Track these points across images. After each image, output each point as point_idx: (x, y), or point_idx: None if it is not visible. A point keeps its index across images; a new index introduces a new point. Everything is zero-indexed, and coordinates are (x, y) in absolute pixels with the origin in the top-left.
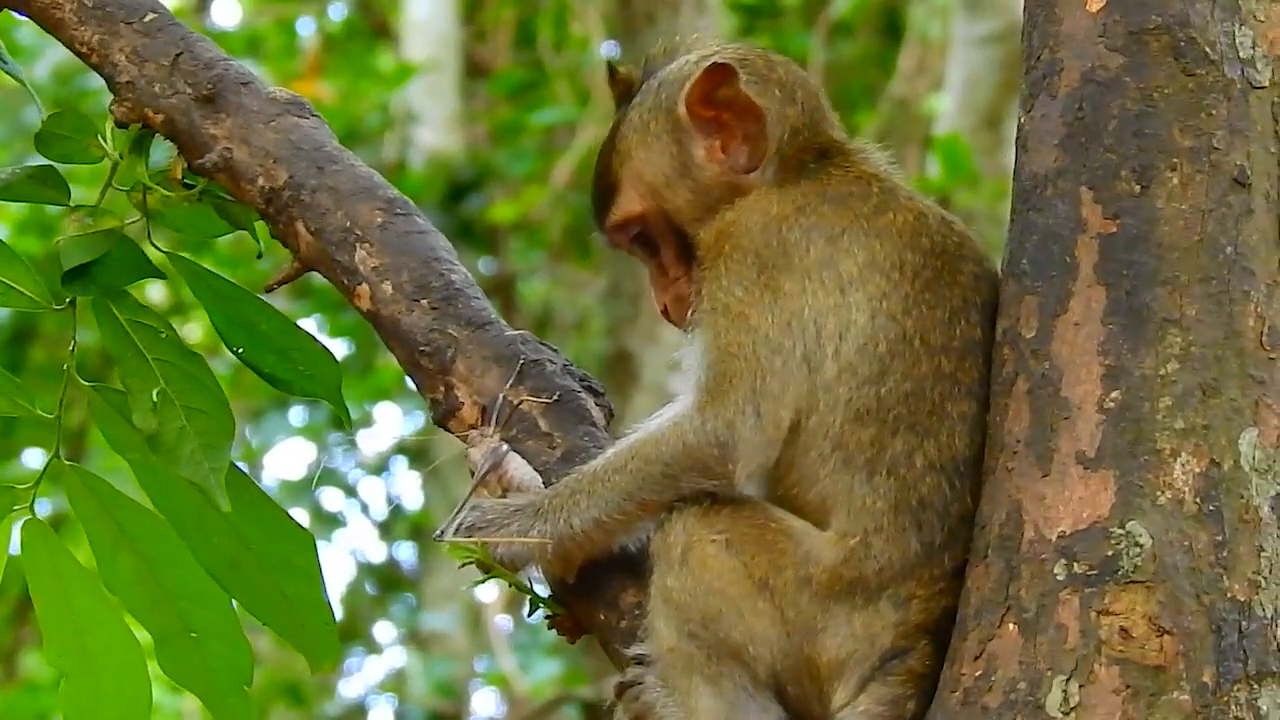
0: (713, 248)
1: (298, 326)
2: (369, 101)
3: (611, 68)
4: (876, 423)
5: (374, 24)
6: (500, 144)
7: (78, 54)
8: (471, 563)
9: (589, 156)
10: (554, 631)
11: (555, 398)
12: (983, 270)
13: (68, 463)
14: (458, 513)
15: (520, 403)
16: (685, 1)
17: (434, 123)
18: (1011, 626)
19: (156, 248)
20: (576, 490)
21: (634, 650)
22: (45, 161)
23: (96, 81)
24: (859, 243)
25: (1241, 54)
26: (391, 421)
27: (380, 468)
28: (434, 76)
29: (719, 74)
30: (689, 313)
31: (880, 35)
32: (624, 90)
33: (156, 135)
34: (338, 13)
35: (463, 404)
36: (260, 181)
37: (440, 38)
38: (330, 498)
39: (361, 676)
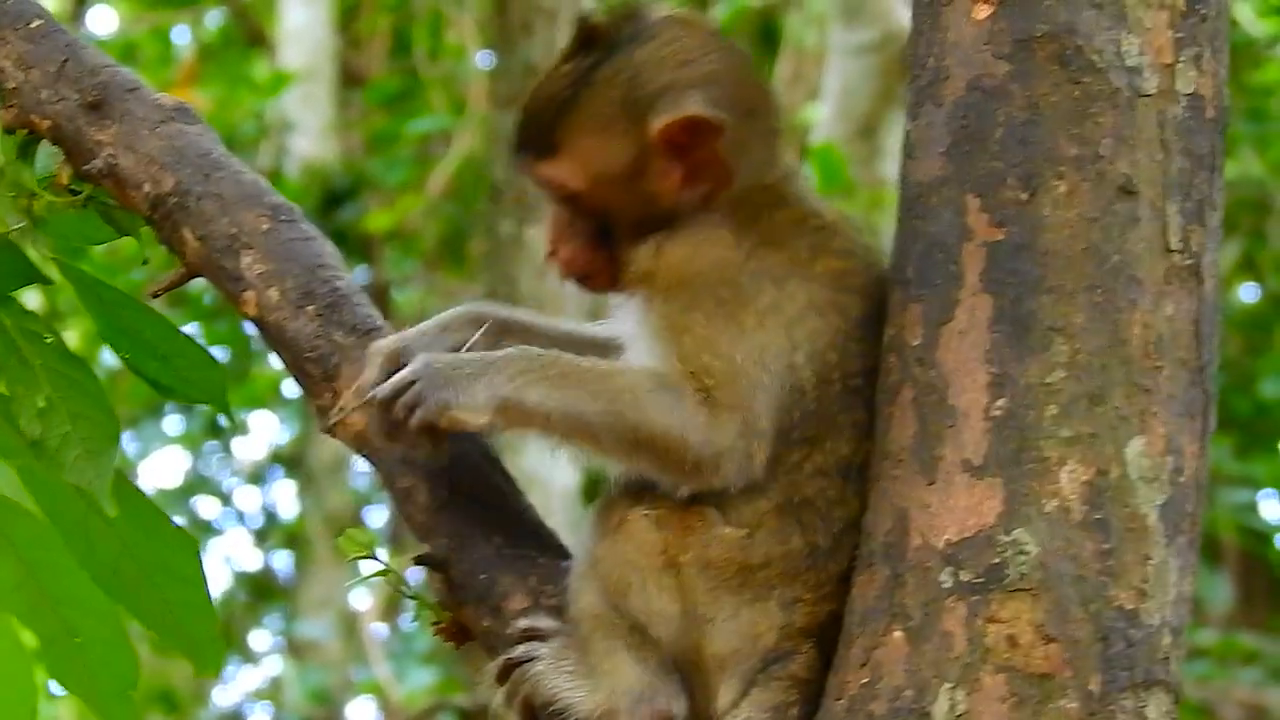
0: (660, 277)
1: (181, 332)
2: (244, 110)
3: (584, 18)
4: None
5: (249, 32)
6: (375, 153)
7: None
8: (364, 557)
9: (464, 166)
10: (439, 637)
11: None
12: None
13: None
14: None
15: None
16: (562, 11)
17: (309, 131)
18: (897, 634)
19: (42, 253)
20: (536, 370)
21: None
22: None
23: None
24: (800, 287)
25: (1128, 62)
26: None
27: (256, 476)
28: (309, 85)
29: (704, 127)
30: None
31: (756, 44)
32: (586, 38)
33: (42, 141)
34: (213, 21)
35: None
36: (146, 188)
37: (316, 46)
38: (206, 505)
39: (237, 685)
